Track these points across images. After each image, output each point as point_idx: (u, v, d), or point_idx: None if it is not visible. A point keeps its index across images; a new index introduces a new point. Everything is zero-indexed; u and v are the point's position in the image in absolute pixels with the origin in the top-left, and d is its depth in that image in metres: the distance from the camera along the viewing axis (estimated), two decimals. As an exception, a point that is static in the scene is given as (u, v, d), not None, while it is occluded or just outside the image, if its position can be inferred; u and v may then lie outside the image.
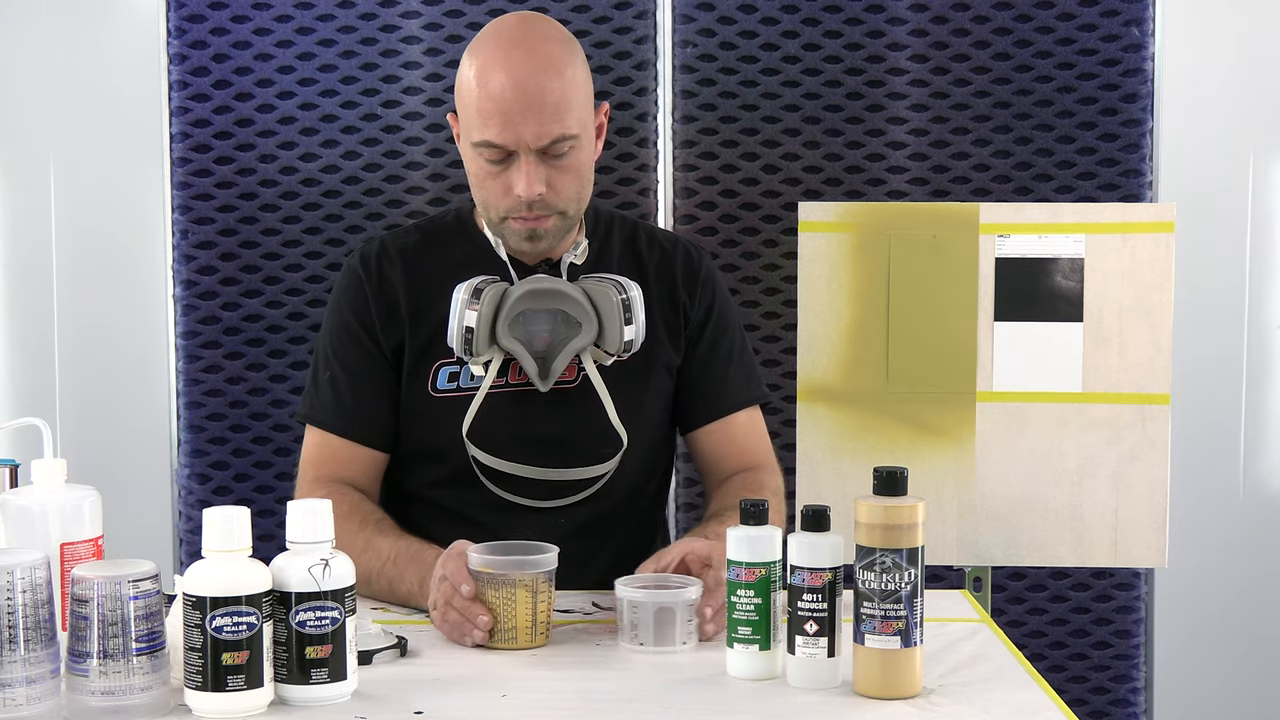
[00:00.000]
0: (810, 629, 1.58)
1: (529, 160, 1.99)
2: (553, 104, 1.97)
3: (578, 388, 2.09)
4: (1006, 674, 1.68)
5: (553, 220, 2.05)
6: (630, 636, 1.75)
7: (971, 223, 2.41)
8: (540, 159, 1.99)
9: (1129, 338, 2.38)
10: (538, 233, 2.05)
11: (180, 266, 2.66)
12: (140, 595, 1.47)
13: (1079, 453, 2.40)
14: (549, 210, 2.03)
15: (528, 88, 1.97)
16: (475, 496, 2.09)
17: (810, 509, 1.59)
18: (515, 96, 1.96)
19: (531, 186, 1.99)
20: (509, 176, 2.01)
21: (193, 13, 2.63)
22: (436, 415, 2.09)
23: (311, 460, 2.12)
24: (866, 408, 2.41)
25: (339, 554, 1.54)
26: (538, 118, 1.97)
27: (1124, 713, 2.69)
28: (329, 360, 2.13)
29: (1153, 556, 2.41)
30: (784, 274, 2.64)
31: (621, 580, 1.78)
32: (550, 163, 2.00)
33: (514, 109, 1.96)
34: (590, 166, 2.07)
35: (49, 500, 1.63)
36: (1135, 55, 2.63)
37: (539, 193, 1.99)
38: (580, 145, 2.02)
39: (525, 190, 1.99)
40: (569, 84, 1.99)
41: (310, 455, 2.12)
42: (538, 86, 1.97)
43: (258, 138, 2.65)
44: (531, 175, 1.99)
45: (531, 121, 1.97)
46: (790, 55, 2.65)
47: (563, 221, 2.06)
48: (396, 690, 1.59)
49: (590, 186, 2.09)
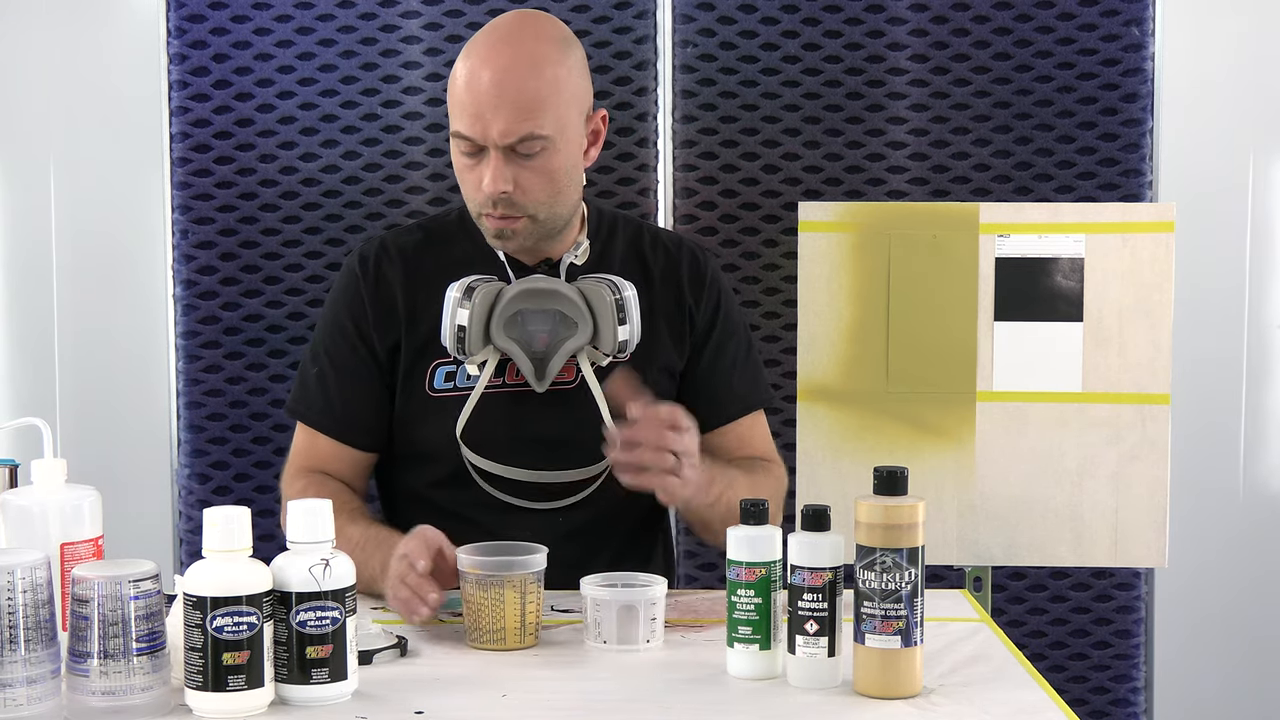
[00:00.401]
0: (810, 629, 1.58)
1: (496, 156, 1.98)
2: (525, 102, 1.96)
3: (575, 389, 2.08)
4: (1006, 674, 1.68)
5: (522, 223, 2.03)
6: (594, 635, 1.75)
7: (971, 223, 2.41)
8: (509, 157, 1.98)
9: (1129, 338, 2.38)
10: (504, 233, 2.03)
11: (180, 266, 2.66)
12: (140, 595, 1.47)
13: (1079, 453, 2.40)
14: (516, 211, 2.01)
15: (502, 83, 1.96)
16: (472, 497, 2.08)
17: (810, 509, 1.59)
18: (488, 91, 1.96)
19: (495, 183, 1.98)
20: (479, 172, 2.00)
21: (193, 13, 2.63)
22: (433, 415, 2.09)
23: (298, 453, 2.15)
24: (866, 408, 2.41)
25: (339, 554, 1.54)
26: (507, 114, 1.95)
27: (1124, 713, 2.69)
28: (319, 357, 2.14)
29: (1153, 556, 2.41)
30: (784, 274, 2.64)
31: (586, 579, 1.78)
32: (519, 162, 1.99)
33: (485, 103, 1.96)
34: (568, 172, 2.03)
35: (49, 500, 1.63)
36: (1135, 55, 2.63)
37: (502, 190, 1.98)
38: (554, 148, 1.99)
39: (489, 185, 1.98)
40: (547, 84, 1.98)
41: (297, 448, 2.15)
42: (513, 84, 1.96)
43: (258, 138, 2.65)
44: (496, 172, 1.98)
45: (501, 118, 1.95)
46: (790, 55, 2.65)
47: (534, 225, 2.04)
48: (396, 690, 1.59)
49: (571, 192, 2.06)
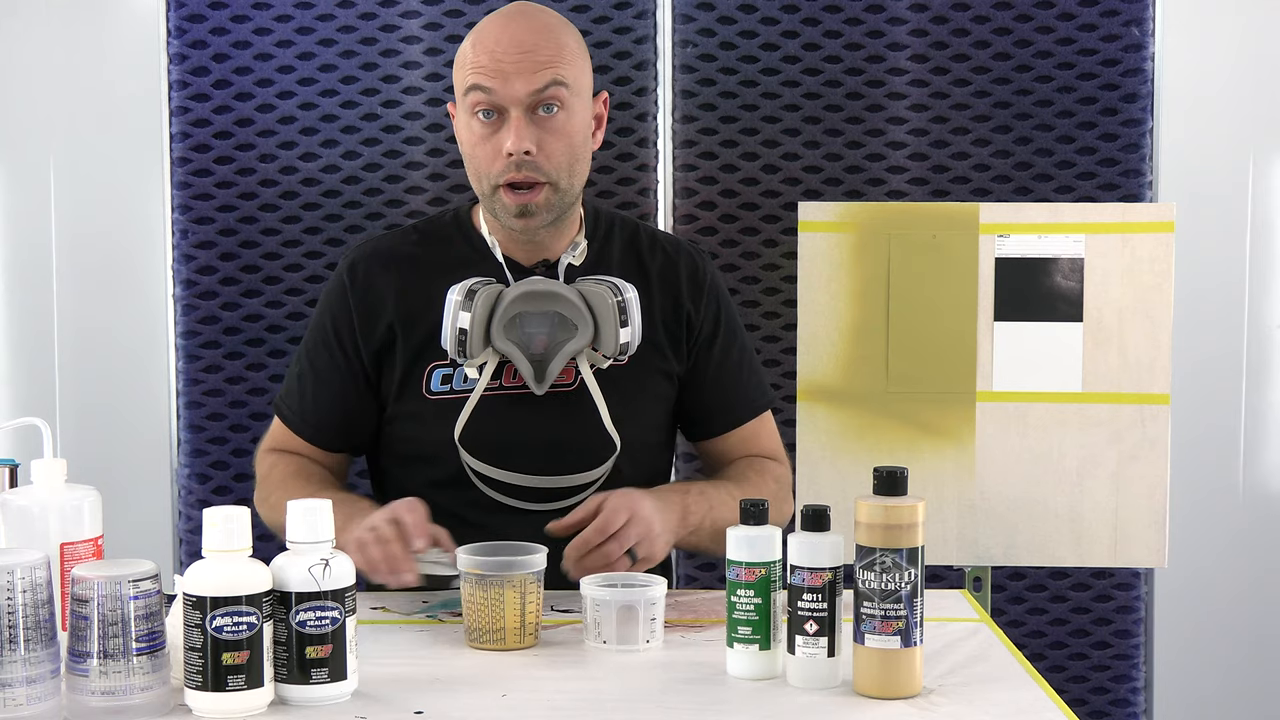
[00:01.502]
0: (810, 629, 1.58)
1: (518, 117, 2.00)
2: (545, 57, 2.01)
3: (574, 391, 2.08)
4: (1006, 674, 1.68)
5: (544, 193, 2.03)
6: (594, 635, 1.75)
7: (971, 223, 2.41)
8: (530, 118, 2.01)
9: (1129, 338, 2.38)
10: (529, 208, 2.03)
11: (180, 266, 2.66)
12: (140, 595, 1.47)
13: (1079, 453, 2.40)
14: (539, 175, 2.02)
15: (522, 42, 2.01)
16: (471, 498, 2.08)
17: (810, 509, 1.59)
18: (509, 48, 2.00)
19: (520, 141, 1.99)
20: (499, 139, 2.02)
21: (193, 13, 2.64)
22: (430, 417, 2.09)
23: (271, 437, 2.21)
24: (866, 408, 2.41)
25: (339, 554, 1.54)
26: (530, 67, 1.99)
27: (1124, 713, 2.69)
28: (302, 358, 2.18)
29: (1153, 556, 2.41)
30: (784, 274, 2.64)
31: (586, 579, 1.78)
32: (540, 123, 2.01)
33: (506, 59, 2.00)
34: (583, 140, 2.07)
35: (49, 500, 1.63)
36: (1135, 55, 2.63)
37: (526, 149, 1.99)
38: (572, 109, 2.03)
39: (514, 144, 1.99)
40: (563, 48, 2.03)
41: (272, 433, 2.21)
42: (531, 42, 2.01)
43: (258, 138, 2.65)
44: (521, 131, 2.00)
45: (525, 69, 1.99)
46: (790, 55, 2.65)
47: (554, 196, 2.04)
48: (396, 690, 1.59)
49: (582, 166, 2.08)
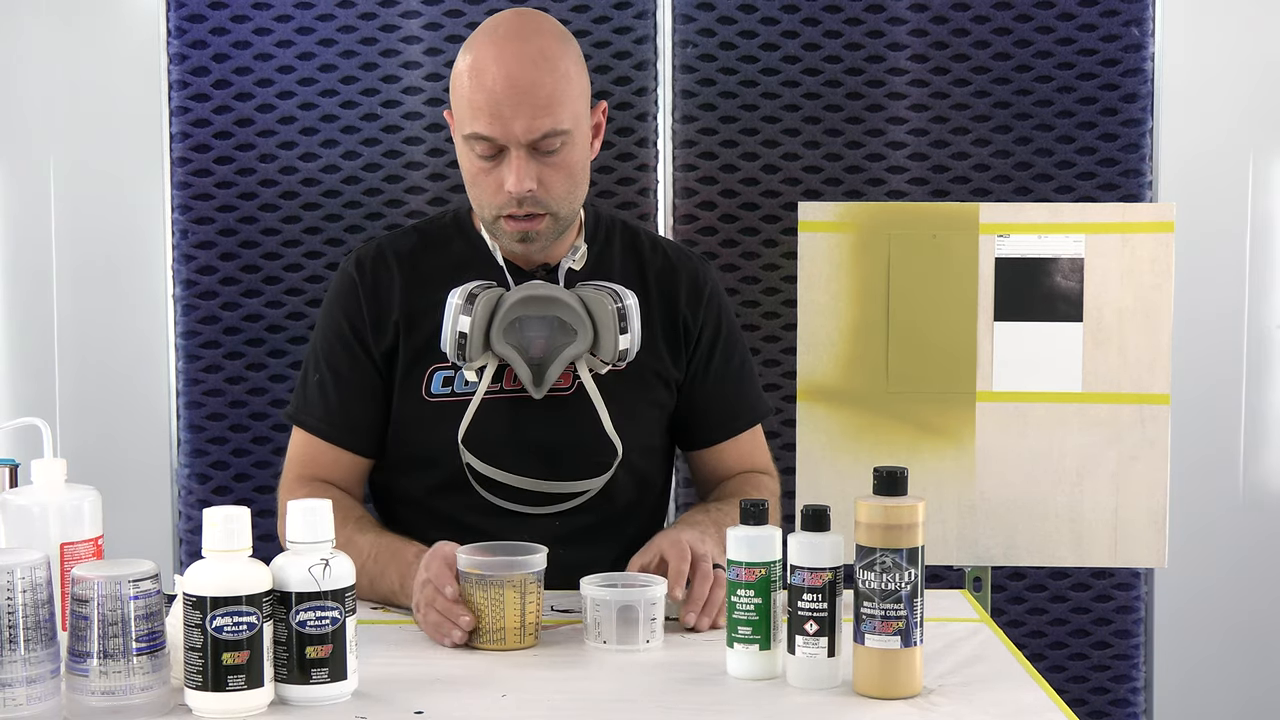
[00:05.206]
0: (810, 629, 1.58)
1: (519, 155, 1.97)
2: (544, 98, 1.95)
3: (573, 396, 2.07)
4: (1006, 674, 1.68)
5: (545, 222, 2.02)
6: (594, 635, 1.75)
7: (971, 223, 2.41)
8: (531, 155, 1.97)
9: (1129, 338, 2.38)
10: (530, 235, 2.03)
11: (180, 266, 2.66)
12: (140, 595, 1.47)
13: (1079, 453, 2.40)
14: (540, 209, 2.00)
15: (519, 81, 1.95)
16: (469, 502, 2.07)
17: (810, 509, 1.59)
18: (506, 89, 1.95)
19: (521, 182, 1.97)
20: (500, 173, 1.99)
21: (193, 13, 2.64)
22: (430, 420, 2.08)
23: (296, 460, 2.13)
24: (866, 408, 2.41)
25: (339, 554, 1.54)
26: (529, 111, 1.95)
27: (1124, 713, 2.69)
28: (319, 364, 2.13)
29: (1152, 556, 2.41)
30: (784, 274, 2.64)
31: (586, 579, 1.78)
32: (541, 159, 1.98)
33: (504, 102, 1.95)
34: (584, 166, 2.05)
35: (49, 500, 1.63)
36: (1135, 55, 2.63)
37: (529, 189, 1.97)
38: (573, 143, 2.00)
39: (515, 185, 1.97)
40: (562, 79, 1.98)
41: (295, 455, 2.13)
42: (529, 80, 1.95)
43: (258, 138, 2.65)
44: (521, 170, 1.97)
45: (523, 115, 1.95)
46: (790, 55, 2.65)
47: (555, 224, 2.04)
48: (396, 690, 1.59)
49: (584, 186, 2.06)
